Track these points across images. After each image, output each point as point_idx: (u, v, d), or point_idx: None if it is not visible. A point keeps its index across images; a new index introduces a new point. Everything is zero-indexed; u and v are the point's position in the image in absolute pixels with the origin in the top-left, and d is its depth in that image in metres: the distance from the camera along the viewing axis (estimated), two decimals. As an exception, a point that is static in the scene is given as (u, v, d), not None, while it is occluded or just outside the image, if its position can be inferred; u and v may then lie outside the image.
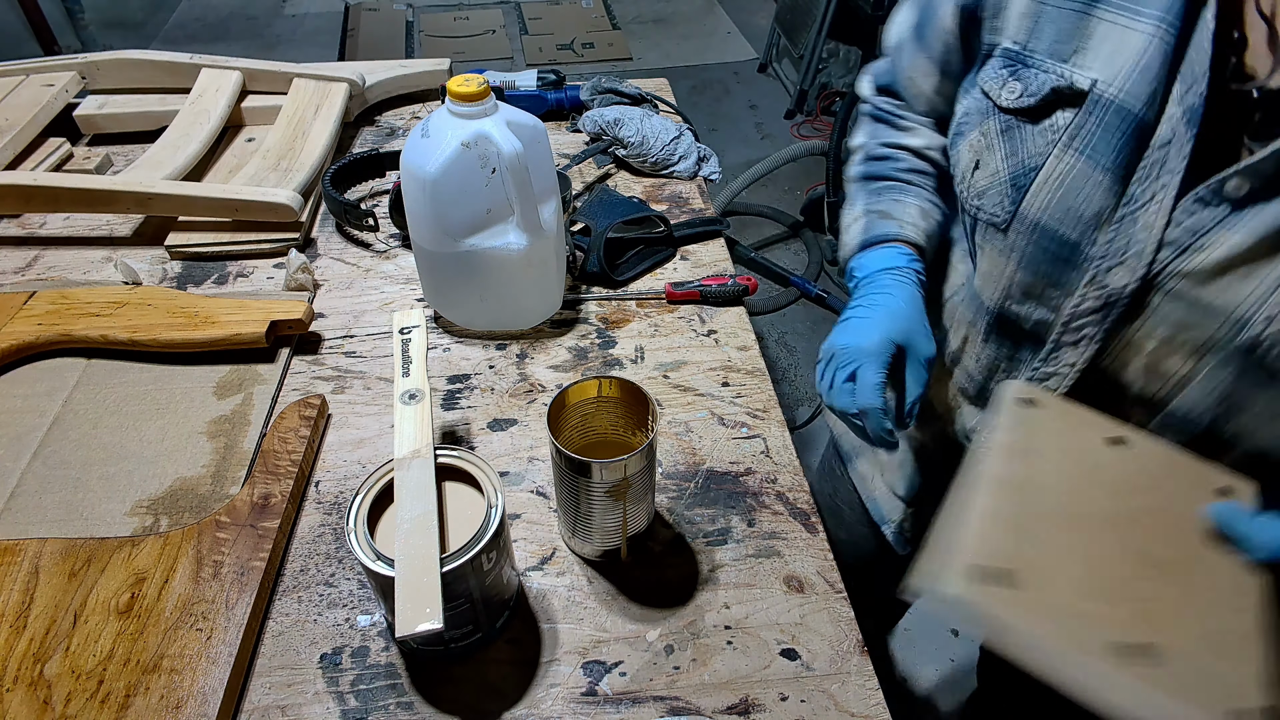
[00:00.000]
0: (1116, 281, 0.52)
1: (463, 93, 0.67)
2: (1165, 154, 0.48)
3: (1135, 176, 0.49)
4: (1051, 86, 0.52)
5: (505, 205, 0.73)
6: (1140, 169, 0.49)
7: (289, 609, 0.60)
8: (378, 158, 1.02)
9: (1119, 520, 0.46)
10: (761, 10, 3.87)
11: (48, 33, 3.12)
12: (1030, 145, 0.54)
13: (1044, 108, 0.53)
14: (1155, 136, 0.48)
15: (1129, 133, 0.49)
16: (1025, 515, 0.46)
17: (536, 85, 1.15)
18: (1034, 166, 0.54)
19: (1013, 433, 0.50)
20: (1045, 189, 0.54)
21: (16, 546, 0.60)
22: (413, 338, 0.63)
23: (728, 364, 0.80)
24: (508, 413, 0.76)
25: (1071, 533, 0.45)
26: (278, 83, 1.12)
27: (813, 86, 3.01)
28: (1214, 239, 0.47)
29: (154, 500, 0.66)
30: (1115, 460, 0.49)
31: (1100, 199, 0.51)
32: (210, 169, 1.02)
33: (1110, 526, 0.46)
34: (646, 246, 0.94)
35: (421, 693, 0.56)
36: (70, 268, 0.91)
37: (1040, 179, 0.54)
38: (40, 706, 0.51)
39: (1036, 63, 0.53)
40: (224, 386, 0.76)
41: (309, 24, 3.75)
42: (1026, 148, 0.54)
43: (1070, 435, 0.51)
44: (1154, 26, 0.48)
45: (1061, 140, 0.52)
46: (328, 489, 0.69)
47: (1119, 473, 0.49)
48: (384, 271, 0.91)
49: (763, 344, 1.46)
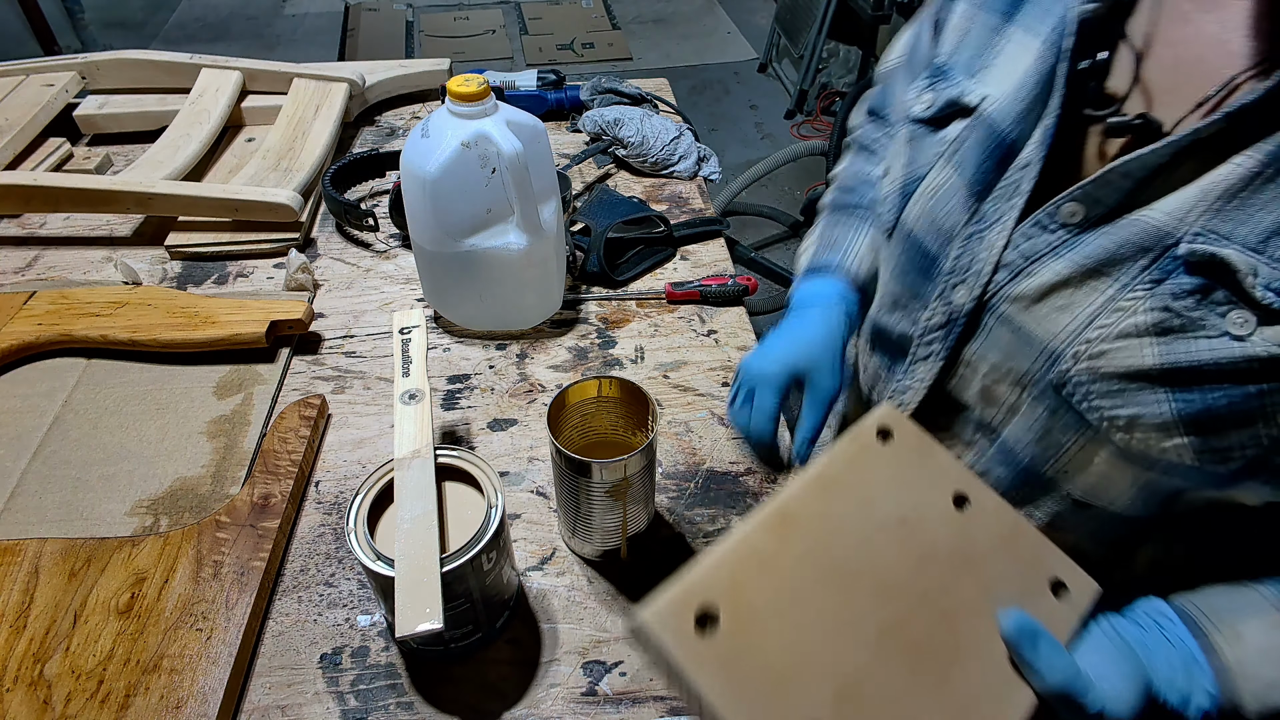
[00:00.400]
0: (959, 299, 0.50)
1: (463, 93, 0.67)
2: (1022, 176, 0.47)
3: (991, 195, 0.48)
4: (948, 98, 0.52)
5: (505, 205, 0.73)
6: (998, 188, 0.48)
7: (289, 609, 0.60)
8: (378, 158, 1.02)
9: (902, 590, 0.39)
10: (761, 10, 3.87)
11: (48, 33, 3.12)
12: (923, 155, 0.53)
13: (942, 119, 0.52)
14: (1018, 158, 0.47)
15: (993, 151, 0.48)
16: (787, 559, 0.38)
17: (536, 85, 1.15)
18: (919, 176, 0.53)
19: (834, 464, 0.43)
20: (921, 199, 0.53)
21: (16, 546, 0.60)
22: (413, 338, 0.63)
23: (728, 364, 0.80)
24: (508, 413, 0.76)
25: (830, 592, 0.38)
26: (278, 83, 1.12)
27: (813, 87, 3.01)
28: (1043, 265, 0.45)
29: (154, 500, 0.66)
30: (943, 520, 0.42)
31: (958, 214, 0.50)
32: (210, 169, 1.02)
33: (885, 595, 0.38)
34: (646, 246, 0.94)
35: (421, 693, 0.56)
36: (70, 268, 0.91)
37: (920, 188, 0.53)
38: (40, 706, 0.51)
39: (951, 76, 0.52)
40: (224, 386, 0.76)
41: (309, 24, 3.75)
42: (920, 157, 0.54)
43: (905, 481, 0.43)
44: (1039, 47, 0.47)
45: (946, 152, 0.51)
46: (328, 489, 0.69)
47: (937, 536, 0.41)
48: (384, 271, 0.91)
49: (763, 344, 1.46)
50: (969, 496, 0.43)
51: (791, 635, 0.35)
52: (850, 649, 0.36)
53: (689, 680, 0.33)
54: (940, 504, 0.43)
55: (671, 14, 3.93)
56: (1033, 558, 0.42)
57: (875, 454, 0.44)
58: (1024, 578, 0.41)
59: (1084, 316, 0.44)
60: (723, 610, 0.35)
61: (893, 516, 0.41)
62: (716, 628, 0.34)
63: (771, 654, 0.34)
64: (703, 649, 0.34)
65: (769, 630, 0.35)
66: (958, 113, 0.51)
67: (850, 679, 0.35)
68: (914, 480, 0.43)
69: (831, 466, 0.42)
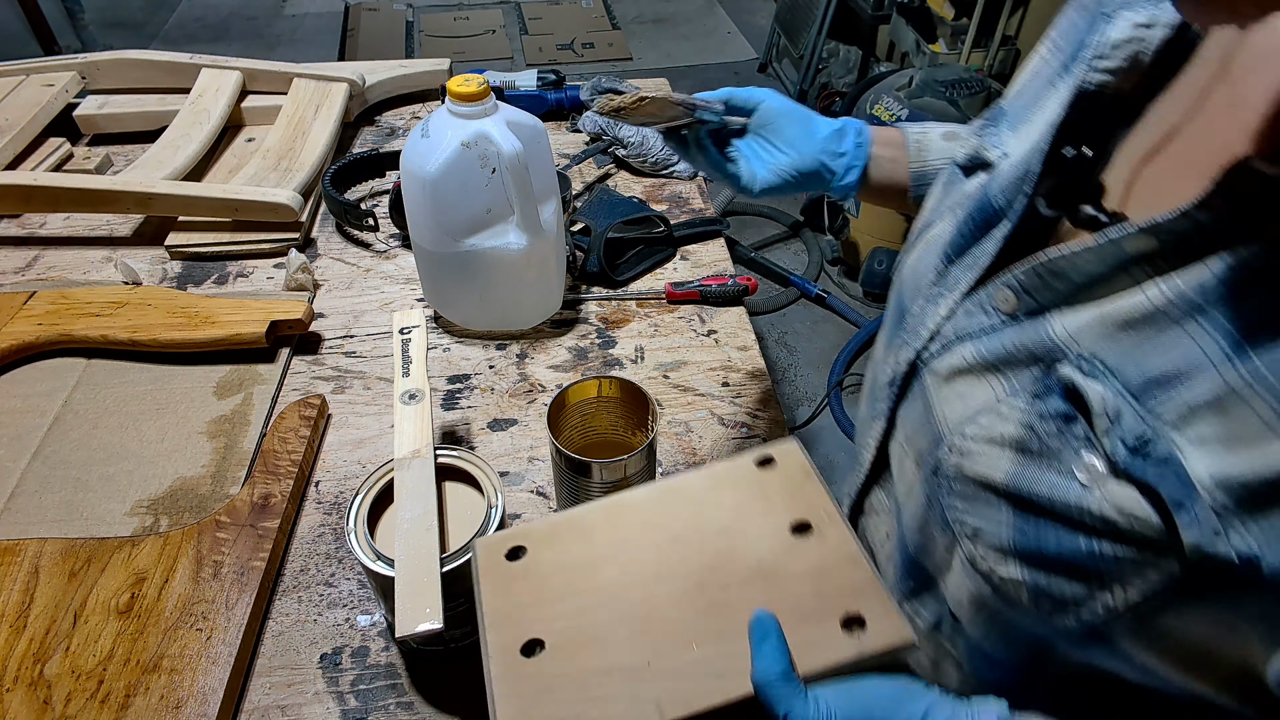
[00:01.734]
0: (902, 359, 0.47)
1: (463, 93, 0.67)
2: (986, 249, 0.43)
3: (961, 261, 0.45)
4: (974, 149, 0.48)
5: (505, 205, 0.73)
6: (968, 255, 0.44)
7: (289, 609, 0.60)
8: (378, 158, 1.02)
9: (684, 579, 0.42)
10: (761, 10, 3.87)
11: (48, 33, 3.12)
12: (946, 201, 0.50)
13: (969, 169, 0.49)
14: (994, 230, 0.43)
15: (978, 216, 0.44)
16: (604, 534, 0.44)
17: (536, 85, 1.15)
18: (932, 221, 0.50)
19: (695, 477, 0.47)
20: (920, 246, 0.50)
21: (16, 546, 0.60)
22: (413, 338, 0.63)
23: (728, 364, 0.80)
24: (508, 413, 0.75)
25: (621, 566, 0.43)
26: (278, 83, 1.12)
27: (813, 87, 3.01)
28: (962, 346, 0.42)
29: (154, 500, 0.66)
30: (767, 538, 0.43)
31: (932, 272, 0.47)
32: (210, 169, 1.02)
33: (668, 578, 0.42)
34: (646, 246, 0.93)
35: (421, 693, 0.56)
36: (70, 268, 0.91)
37: (925, 235, 0.50)
38: (40, 706, 0.51)
39: (999, 123, 0.49)
40: (224, 386, 0.76)
41: (309, 24, 3.75)
42: (943, 204, 0.50)
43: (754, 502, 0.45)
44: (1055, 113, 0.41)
45: (956, 205, 0.48)
46: (328, 489, 0.69)
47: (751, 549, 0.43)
48: (384, 271, 0.91)
49: (763, 344, 1.46)
50: (814, 527, 0.44)
51: (565, 581, 0.43)
52: (601, 602, 0.42)
53: (479, 583, 0.43)
54: (775, 526, 0.44)
55: (671, 14, 3.93)
56: (843, 591, 0.41)
57: (742, 476, 0.47)
58: (818, 603, 0.41)
59: (971, 410, 0.40)
60: (530, 551, 0.44)
61: (716, 525, 0.44)
62: (519, 561, 0.44)
63: (544, 587, 0.42)
64: (501, 568, 0.43)
65: (553, 573, 0.43)
66: (980, 166, 0.48)
67: (586, 620, 0.41)
68: (764, 503, 0.45)
69: (690, 478, 0.47)
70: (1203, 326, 0.31)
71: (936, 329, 0.45)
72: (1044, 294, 0.38)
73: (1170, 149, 0.37)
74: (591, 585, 0.42)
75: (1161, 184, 0.37)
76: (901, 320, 0.49)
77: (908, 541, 0.48)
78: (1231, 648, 0.32)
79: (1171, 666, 0.35)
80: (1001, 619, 0.42)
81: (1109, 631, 0.36)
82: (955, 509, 0.41)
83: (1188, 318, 0.32)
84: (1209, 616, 0.32)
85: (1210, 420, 0.30)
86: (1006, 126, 0.47)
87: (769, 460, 0.47)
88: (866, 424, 0.55)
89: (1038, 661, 0.42)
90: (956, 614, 0.45)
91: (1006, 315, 0.40)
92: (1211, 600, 0.32)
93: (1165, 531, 0.31)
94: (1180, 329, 0.32)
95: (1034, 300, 0.39)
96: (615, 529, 0.45)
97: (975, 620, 0.43)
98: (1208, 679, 0.35)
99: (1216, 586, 0.31)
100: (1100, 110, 0.40)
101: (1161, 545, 0.32)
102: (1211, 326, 0.31)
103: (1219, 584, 0.31)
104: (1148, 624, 0.34)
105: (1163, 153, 0.37)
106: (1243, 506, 0.29)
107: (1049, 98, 0.44)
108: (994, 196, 0.44)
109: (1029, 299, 0.39)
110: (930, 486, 0.43)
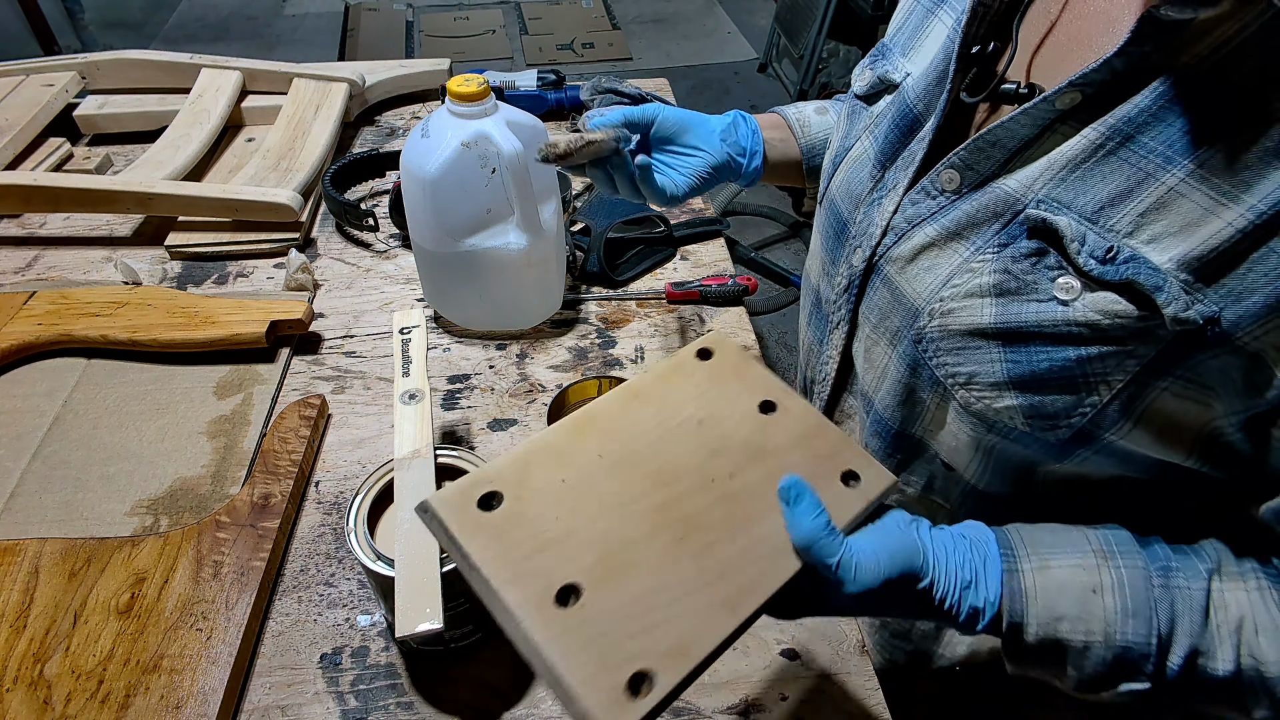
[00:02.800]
0: (856, 261, 0.53)
1: (463, 93, 0.67)
2: (919, 147, 0.49)
3: (893, 165, 0.51)
4: (879, 75, 0.55)
5: (505, 205, 0.73)
6: (900, 158, 0.51)
7: (289, 609, 0.60)
8: (378, 158, 1.02)
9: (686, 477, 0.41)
10: (761, 10, 3.87)
11: (48, 33, 3.12)
12: (855, 128, 0.57)
13: (874, 95, 0.56)
14: (920, 131, 0.50)
15: (900, 124, 0.51)
16: (579, 453, 0.41)
17: (536, 85, 1.15)
18: (849, 148, 0.56)
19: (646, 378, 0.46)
20: (845, 168, 0.56)
21: (16, 546, 0.60)
22: (413, 338, 0.63)
23: (728, 364, 0.80)
24: (508, 413, 0.76)
25: (613, 479, 0.40)
26: (278, 83, 1.12)
27: (813, 87, 3.01)
28: (919, 229, 0.48)
29: (154, 500, 0.66)
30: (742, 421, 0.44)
31: (866, 182, 0.53)
32: (210, 169, 1.02)
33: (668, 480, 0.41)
34: (646, 246, 0.93)
35: (421, 693, 0.56)
36: (70, 268, 0.91)
37: (846, 159, 0.56)
38: (40, 706, 0.51)
39: (889, 55, 0.55)
40: (224, 386, 0.76)
41: (309, 24, 3.75)
42: (853, 130, 0.57)
43: (713, 391, 0.45)
44: (949, 29, 0.50)
45: (871, 125, 0.55)
46: (328, 489, 0.69)
47: (734, 433, 0.43)
48: (384, 271, 0.91)
49: (763, 344, 1.46)
50: (777, 403, 0.46)
51: (568, 514, 0.38)
52: (620, 523, 0.38)
53: (460, 544, 0.36)
54: (744, 409, 0.45)
55: (671, 14, 3.93)
56: (829, 452, 0.44)
57: (690, 369, 0.47)
58: (815, 467, 0.43)
59: (943, 276, 0.46)
60: (506, 494, 0.38)
61: (693, 418, 0.44)
62: (498, 508, 0.38)
63: (545, 527, 0.38)
64: (480, 521, 0.37)
65: (547, 510, 0.38)
66: (886, 89, 0.54)
67: (614, 547, 0.37)
68: (723, 391, 0.46)
69: (643, 380, 0.46)
70: (1135, 150, 0.38)
71: (887, 225, 0.50)
72: (984, 164, 0.45)
73: (1057, 31, 0.45)
74: (597, 509, 0.39)
75: (1057, 58, 0.44)
76: (843, 232, 0.55)
77: (888, 422, 0.53)
78: (1197, 411, 0.39)
79: (1148, 444, 0.42)
80: (995, 451, 0.48)
81: (1093, 428, 0.42)
82: (946, 365, 0.46)
83: (1122, 147, 0.39)
84: (1177, 385, 0.39)
85: (1158, 220, 0.38)
86: (899, 54, 0.55)
87: (707, 352, 0.48)
88: (821, 343, 0.60)
89: (1025, 483, 0.49)
90: (951, 463, 0.51)
91: (952, 193, 0.46)
92: (1179, 373, 0.39)
93: (1144, 317, 0.38)
94: (1116, 157, 0.39)
95: (976, 173, 0.45)
96: (590, 445, 0.42)
97: (971, 461, 0.50)
98: (1178, 446, 0.41)
99: (1183, 355, 0.38)
100: (992, 14, 0.47)
101: (1141, 332, 0.38)
102: (1143, 149, 0.38)
103: (1185, 352, 0.38)
104: (1127, 410, 0.41)
105: (1052, 35, 0.45)
106: (1199, 277, 0.37)
107: (931, 25, 0.52)
108: (912, 104, 0.51)
109: (972, 173, 0.45)
110: (912, 356, 0.49)
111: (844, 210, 0.55)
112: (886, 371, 0.52)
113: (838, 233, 0.56)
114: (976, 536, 0.44)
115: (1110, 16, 0.41)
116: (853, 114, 0.58)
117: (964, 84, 0.47)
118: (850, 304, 0.54)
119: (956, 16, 0.49)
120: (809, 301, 0.65)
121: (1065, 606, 0.41)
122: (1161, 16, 0.36)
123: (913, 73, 0.52)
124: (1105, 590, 0.41)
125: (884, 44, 0.57)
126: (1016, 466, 0.48)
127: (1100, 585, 0.41)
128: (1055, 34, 0.45)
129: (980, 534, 0.44)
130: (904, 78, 0.53)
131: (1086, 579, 0.41)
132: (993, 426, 0.46)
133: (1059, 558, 0.42)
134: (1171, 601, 0.40)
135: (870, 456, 0.45)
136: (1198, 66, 0.37)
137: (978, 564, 0.43)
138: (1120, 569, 0.41)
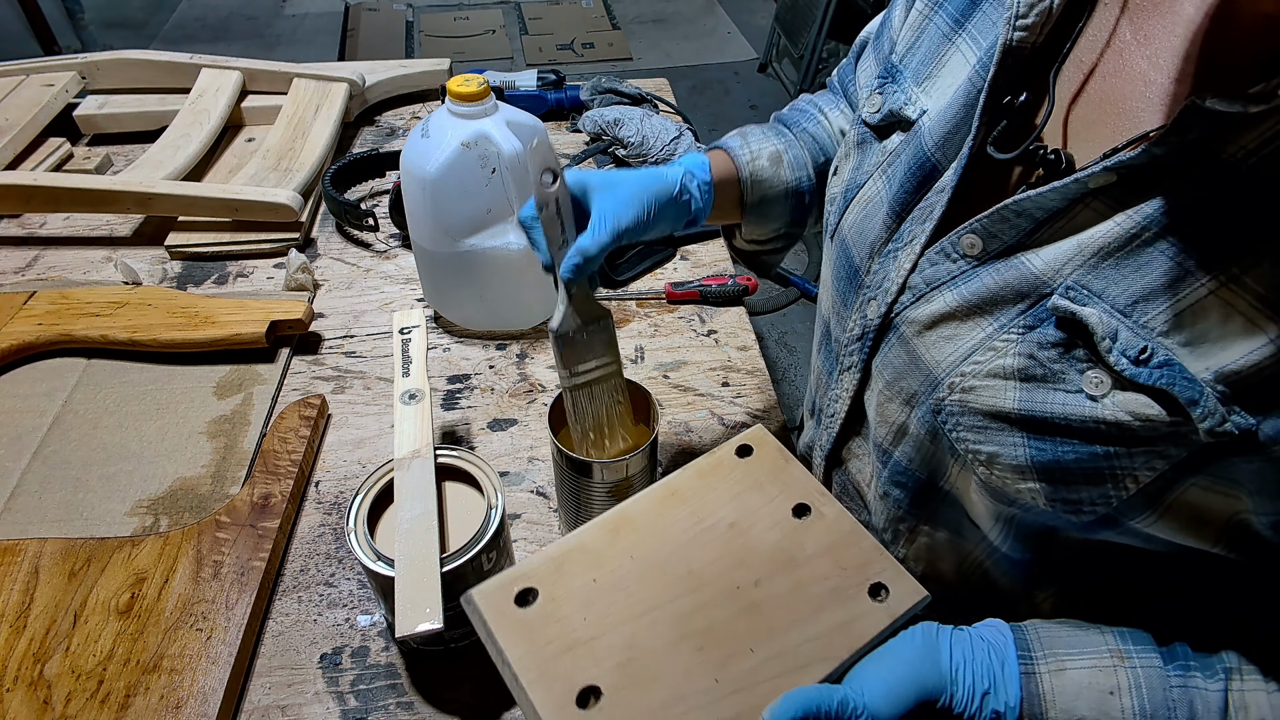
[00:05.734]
0: (871, 314, 0.50)
1: (463, 93, 0.67)
2: (937, 201, 0.46)
3: (910, 216, 0.48)
4: (890, 108, 0.51)
5: (505, 205, 0.73)
6: (916, 209, 0.48)
7: (289, 609, 0.60)
8: (378, 158, 1.02)
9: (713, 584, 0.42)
10: (761, 10, 3.87)
11: (48, 33, 3.12)
12: (867, 162, 0.53)
13: (886, 128, 0.52)
14: (937, 182, 0.46)
15: (916, 171, 0.48)
16: (612, 554, 0.42)
17: (536, 85, 1.15)
18: (860, 183, 0.53)
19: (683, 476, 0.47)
20: (856, 207, 0.53)
21: (16, 546, 0.60)
22: (413, 338, 0.63)
23: (728, 364, 0.80)
24: (508, 413, 0.75)
25: (643, 582, 0.41)
26: (278, 83, 1.12)
27: (813, 86, 3.01)
28: (939, 294, 0.45)
29: (154, 500, 0.66)
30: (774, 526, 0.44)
31: (880, 229, 0.50)
32: (210, 169, 1.02)
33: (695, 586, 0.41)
34: (646, 246, 0.93)
35: (421, 693, 0.56)
36: (70, 268, 0.91)
37: (858, 197, 0.53)
38: (40, 706, 0.51)
39: (900, 80, 0.51)
40: (224, 386, 0.76)
41: (309, 24, 3.75)
42: (864, 164, 0.53)
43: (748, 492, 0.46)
44: (972, 68, 0.45)
45: (883, 164, 0.51)
46: (328, 489, 0.69)
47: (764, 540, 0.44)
48: (384, 271, 0.91)
49: (763, 344, 1.46)
50: (812, 507, 0.45)
51: (596, 616, 0.40)
52: (644, 629, 0.39)
53: (496, 639, 0.39)
54: (777, 513, 0.45)
55: (671, 14, 3.93)
56: (860, 562, 0.43)
57: (729, 469, 0.47)
58: (843, 579, 0.43)
59: (964, 350, 0.44)
60: (541, 591, 0.40)
61: (724, 521, 0.44)
62: (533, 604, 0.40)
63: (574, 628, 0.39)
64: (516, 618, 0.39)
65: (577, 611, 0.40)
66: (899, 124, 0.51)
67: (636, 654, 0.39)
68: (758, 492, 0.46)
69: (680, 478, 0.46)
70: (1174, 244, 0.36)
71: (904, 282, 0.48)
72: (1008, 233, 0.42)
73: (1092, 87, 0.42)
74: (624, 613, 0.40)
75: (1091, 118, 0.42)
76: (855, 278, 0.53)
77: (914, 473, 0.51)
78: (1224, 504, 0.37)
79: (1172, 531, 0.40)
80: (1017, 522, 0.46)
81: (1117, 515, 0.40)
82: (966, 441, 0.44)
83: (1159, 239, 0.36)
84: (1206, 480, 0.37)
85: (1196, 323, 0.35)
86: (911, 81, 0.50)
87: (748, 449, 0.48)
88: (831, 378, 0.58)
89: (1048, 548, 0.47)
90: (976, 521, 0.49)
91: (974, 259, 0.44)
92: (1209, 471, 0.37)
93: (1176, 424, 0.36)
94: (1153, 249, 0.36)
95: (999, 240, 0.42)
96: (622, 546, 0.43)
97: (993, 528, 0.48)
98: (1203, 535, 0.39)
99: (1215, 458, 0.36)
100: (1022, 61, 0.43)
101: (1172, 437, 0.36)
102: (1184, 243, 0.35)
103: (1217, 456, 0.36)
104: (1153, 502, 0.39)
105: (1086, 91, 0.42)
106: (1238, 390, 0.34)
107: (949, 54, 0.48)
108: (929, 151, 0.47)
109: (995, 241, 0.43)
110: (931, 425, 0.47)
111: (856, 256, 0.52)
112: (905, 431, 0.50)
113: (849, 277, 0.53)
114: (995, 640, 0.43)
115: (1149, 79, 0.39)
116: (862, 144, 0.54)
117: (989, 137, 0.44)
118: (863, 354, 0.52)
119: (980, 56, 0.45)
120: (820, 329, 0.62)
121: (1083, 709, 0.40)
122: (1207, 108, 0.33)
123: (929, 110, 0.48)
124: (1122, 691, 0.40)
125: (892, 63, 0.52)
126: (1037, 533, 0.46)
127: (1118, 687, 0.40)
128: (1089, 90, 0.42)
129: (999, 636, 0.44)
130: (919, 114, 0.49)
131: (1104, 680, 0.41)
132: (1013, 503, 0.44)
133: (1076, 659, 0.42)
134: (1190, 702, 0.40)
135: (903, 569, 0.44)
136: (1243, 161, 0.34)
137: (996, 669, 0.42)
138: (1137, 669, 0.41)
